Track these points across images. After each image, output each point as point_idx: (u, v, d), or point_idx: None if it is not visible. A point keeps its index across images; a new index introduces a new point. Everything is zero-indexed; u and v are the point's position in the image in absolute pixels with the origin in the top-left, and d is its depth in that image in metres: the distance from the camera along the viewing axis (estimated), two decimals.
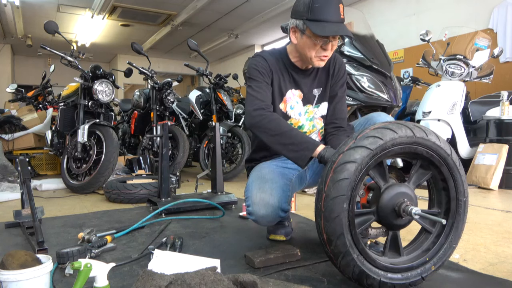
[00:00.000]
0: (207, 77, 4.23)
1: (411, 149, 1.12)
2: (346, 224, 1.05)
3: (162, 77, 10.52)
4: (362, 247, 1.09)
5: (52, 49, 3.35)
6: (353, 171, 1.04)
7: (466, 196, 1.20)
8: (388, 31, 5.82)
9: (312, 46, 1.45)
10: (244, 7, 6.99)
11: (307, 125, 1.65)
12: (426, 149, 1.14)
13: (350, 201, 1.05)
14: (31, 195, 1.74)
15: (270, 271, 1.32)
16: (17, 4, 6.78)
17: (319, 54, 1.47)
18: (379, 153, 1.07)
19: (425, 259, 1.17)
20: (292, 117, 1.62)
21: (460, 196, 1.19)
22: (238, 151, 4.10)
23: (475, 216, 2.24)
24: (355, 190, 1.06)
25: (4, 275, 1.00)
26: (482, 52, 3.67)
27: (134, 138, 4.98)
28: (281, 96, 1.60)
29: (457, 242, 1.21)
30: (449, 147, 1.18)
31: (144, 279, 0.98)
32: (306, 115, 1.64)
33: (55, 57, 3.52)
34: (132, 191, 2.71)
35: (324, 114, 1.66)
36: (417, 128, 1.12)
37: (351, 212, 1.06)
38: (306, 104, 1.63)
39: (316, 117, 1.65)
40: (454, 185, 1.19)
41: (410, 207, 1.12)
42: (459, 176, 1.18)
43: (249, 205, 1.50)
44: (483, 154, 3.41)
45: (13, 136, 4.58)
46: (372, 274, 1.09)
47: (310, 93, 1.63)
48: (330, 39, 1.43)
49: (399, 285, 1.12)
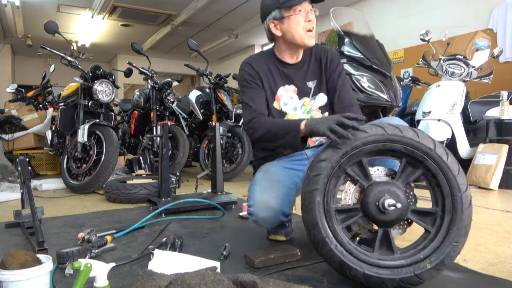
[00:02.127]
0: (207, 77, 4.22)
1: (386, 146, 1.18)
2: (322, 215, 1.18)
3: (162, 77, 10.52)
4: (341, 239, 1.17)
5: (52, 49, 3.35)
6: (324, 167, 1.18)
7: (463, 191, 1.15)
8: (388, 31, 5.82)
9: (296, 23, 1.49)
10: (244, 7, 6.99)
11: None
12: (404, 146, 1.17)
13: (324, 194, 1.19)
14: (31, 195, 1.74)
15: (270, 271, 1.32)
16: (17, 4, 6.78)
17: (306, 27, 1.49)
18: (350, 151, 1.18)
19: (419, 257, 1.15)
20: (288, 113, 1.62)
21: (454, 191, 1.15)
22: (238, 151, 4.09)
23: (475, 216, 2.24)
24: (329, 184, 1.19)
25: (4, 275, 1.00)
26: (482, 52, 3.67)
27: (134, 138, 4.98)
28: (273, 95, 1.60)
29: (459, 240, 1.15)
30: (433, 141, 1.17)
31: (144, 279, 0.98)
32: (303, 108, 1.63)
33: (55, 57, 3.52)
34: (132, 191, 2.71)
35: (322, 105, 1.63)
36: (391, 127, 1.18)
37: (326, 204, 1.18)
38: (302, 97, 1.62)
39: (313, 109, 1.63)
40: (445, 180, 1.16)
41: (386, 199, 1.14)
42: (449, 170, 1.15)
43: (251, 205, 1.49)
44: (483, 154, 3.41)
45: (13, 136, 4.58)
46: (354, 266, 1.14)
47: (305, 86, 1.62)
48: (306, 6, 1.48)
49: (387, 280, 1.13)
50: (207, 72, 4.23)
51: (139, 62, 4.19)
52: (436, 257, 1.15)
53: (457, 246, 1.16)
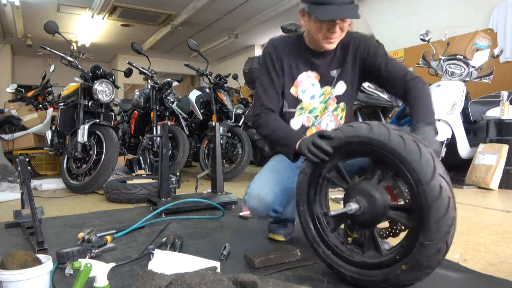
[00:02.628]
0: (207, 77, 4.22)
1: (348, 148, 1.18)
2: (308, 222, 1.30)
3: (162, 77, 10.51)
4: (331, 243, 1.24)
5: (52, 49, 3.35)
6: (301, 179, 1.31)
7: (428, 181, 1.01)
8: (388, 31, 5.82)
9: (318, 29, 1.43)
10: (244, 7, 6.99)
11: (319, 108, 1.62)
12: (359, 144, 1.15)
13: (307, 203, 1.30)
14: (31, 195, 1.74)
15: (270, 271, 1.32)
16: (17, 4, 6.77)
17: (326, 36, 1.44)
18: (320, 162, 1.24)
19: (396, 257, 1.09)
20: (303, 101, 1.61)
21: (417, 182, 1.02)
22: (238, 151, 4.09)
23: (475, 216, 2.24)
24: (309, 193, 1.29)
25: (4, 275, 1.00)
26: (482, 52, 3.67)
27: (134, 138, 4.97)
28: (292, 80, 1.59)
29: (431, 237, 1.01)
30: (388, 131, 1.08)
31: (144, 279, 0.98)
32: (322, 97, 1.61)
33: (55, 57, 3.52)
34: (132, 191, 2.71)
35: (339, 94, 1.60)
36: (345, 127, 1.19)
37: (311, 212, 1.29)
38: (324, 86, 1.60)
39: (331, 97, 1.61)
40: (406, 171, 1.04)
41: (349, 204, 1.15)
42: (407, 160, 1.04)
43: (247, 192, 1.54)
44: (483, 154, 3.41)
45: (13, 136, 4.57)
46: (340, 268, 1.20)
47: (328, 74, 1.58)
48: (337, 21, 1.39)
49: (369, 281, 1.13)
50: (207, 72, 4.23)
51: (139, 62, 4.19)
52: (411, 258, 1.05)
53: (431, 245, 1.01)
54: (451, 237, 1.03)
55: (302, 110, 1.61)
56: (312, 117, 1.62)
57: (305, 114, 1.62)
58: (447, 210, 1.00)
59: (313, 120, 1.63)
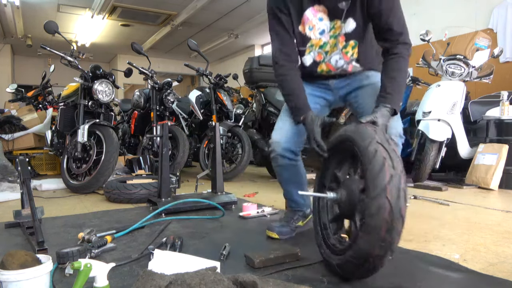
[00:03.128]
0: (207, 77, 4.22)
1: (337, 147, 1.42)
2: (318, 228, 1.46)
3: (162, 77, 10.52)
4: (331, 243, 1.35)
5: (52, 49, 3.35)
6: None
7: (366, 146, 1.16)
8: None
9: None
10: (244, 7, 6.99)
11: (329, 44, 1.60)
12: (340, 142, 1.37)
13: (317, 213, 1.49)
14: (31, 195, 1.74)
15: (270, 271, 1.32)
16: (17, 4, 6.78)
17: None
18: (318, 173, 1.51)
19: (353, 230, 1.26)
20: (312, 38, 1.60)
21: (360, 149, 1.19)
22: (238, 151, 4.09)
23: (475, 216, 2.24)
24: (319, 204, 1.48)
25: (4, 275, 1.00)
26: (482, 52, 3.67)
27: (134, 138, 4.97)
28: (299, 18, 1.59)
29: (370, 194, 1.08)
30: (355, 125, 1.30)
31: (144, 279, 0.98)
32: (332, 31, 1.58)
33: (55, 57, 3.52)
34: (132, 191, 2.71)
35: (349, 31, 1.55)
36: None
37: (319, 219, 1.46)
38: (334, 19, 1.55)
39: (341, 33, 1.56)
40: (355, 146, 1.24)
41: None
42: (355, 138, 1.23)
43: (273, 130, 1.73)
44: (483, 154, 3.41)
45: (13, 136, 4.57)
46: (330, 260, 1.29)
47: (336, 7, 1.52)
48: None
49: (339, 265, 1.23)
50: (207, 72, 4.23)
51: (139, 62, 4.19)
52: (359, 219, 1.18)
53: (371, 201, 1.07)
54: (393, 196, 1.06)
55: (312, 48, 1.63)
56: (323, 52, 1.63)
57: (315, 51, 1.63)
58: (382, 168, 1.09)
59: (323, 55, 1.64)
